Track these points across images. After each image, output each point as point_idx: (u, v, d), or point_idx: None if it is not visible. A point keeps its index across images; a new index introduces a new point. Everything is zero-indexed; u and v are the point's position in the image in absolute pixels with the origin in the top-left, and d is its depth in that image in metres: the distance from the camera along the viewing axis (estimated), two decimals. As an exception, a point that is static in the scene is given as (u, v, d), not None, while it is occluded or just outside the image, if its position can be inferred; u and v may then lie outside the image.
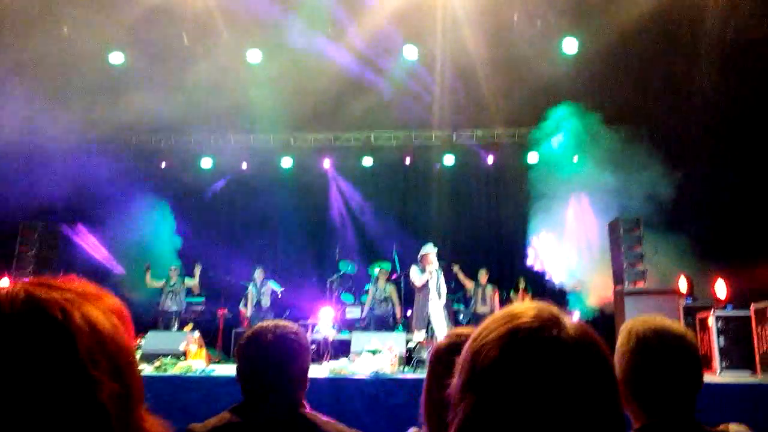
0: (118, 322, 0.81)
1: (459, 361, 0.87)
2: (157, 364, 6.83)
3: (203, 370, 6.81)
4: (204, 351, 7.61)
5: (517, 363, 0.80)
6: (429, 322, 8.26)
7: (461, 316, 10.92)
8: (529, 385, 0.78)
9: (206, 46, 10.88)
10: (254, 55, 11.05)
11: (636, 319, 1.72)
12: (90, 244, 12.18)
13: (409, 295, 11.82)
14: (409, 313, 11.60)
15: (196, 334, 8.26)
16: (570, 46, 10.54)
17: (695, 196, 10.28)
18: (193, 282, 10.91)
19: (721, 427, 1.62)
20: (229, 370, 7.34)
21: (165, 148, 13.74)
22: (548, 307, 0.87)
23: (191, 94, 11.11)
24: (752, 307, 7.49)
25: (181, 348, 7.40)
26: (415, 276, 8.55)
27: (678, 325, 1.69)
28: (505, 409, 0.78)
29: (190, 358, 7.15)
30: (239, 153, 13.75)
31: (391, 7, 9.53)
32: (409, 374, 7.06)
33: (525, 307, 0.87)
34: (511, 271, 12.06)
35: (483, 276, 10.66)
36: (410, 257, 12.32)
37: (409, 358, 7.89)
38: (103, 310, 0.79)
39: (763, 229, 9.21)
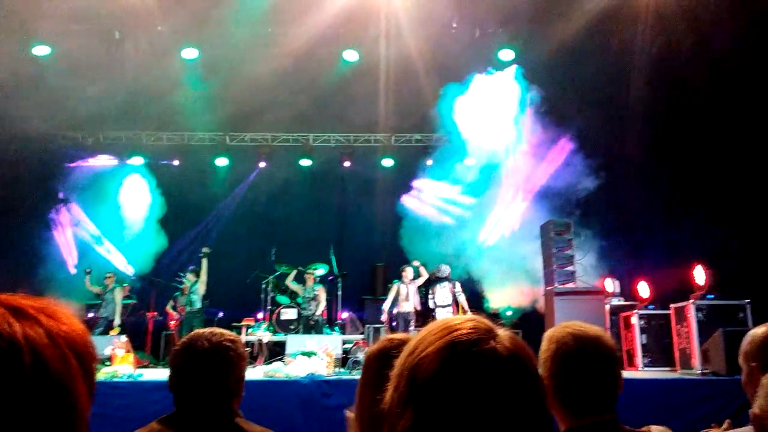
0: (75, 360, 0.74)
1: (394, 374, 0.87)
2: (80, 370, 6.52)
3: (130, 375, 6.57)
4: (131, 355, 7.34)
5: (456, 376, 0.80)
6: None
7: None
8: (468, 397, 0.79)
9: (138, 41, 10.51)
10: (190, 53, 10.77)
11: (557, 325, 1.78)
12: None
13: (348, 296, 11.82)
14: (345, 315, 11.59)
15: (123, 338, 7.95)
16: (506, 55, 10.89)
17: (622, 203, 10.77)
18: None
19: (644, 429, 1.69)
20: (158, 374, 7.11)
21: (93, 145, 13.17)
22: (483, 320, 0.88)
23: (122, 90, 10.73)
24: (672, 306, 7.90)
25: (107, 352, 7.11)
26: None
27: (595, 328, 1.74)
28: (446, 422, 0.78)
29: (116, 363, 6.88)
30: (172, 151, 13.36)
31: (332, 10, 9.51)
32: (345, 375, 7.05)
33: (462, 319, 0.88)
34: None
35: (406, 273, 10.38)
36: (348, 258, 12.38)
37: (345, 360, 7.88)
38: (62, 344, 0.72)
39: (682, 234, 9.74)
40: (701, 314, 7.29)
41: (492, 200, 11.76)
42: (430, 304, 10.18)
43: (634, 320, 8.35)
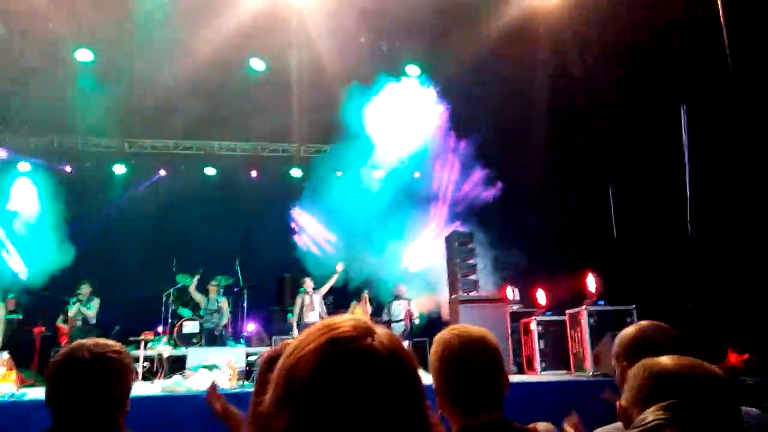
0: None
1: (274, 375, 0.86)
2: (-45, 390, 5.99)
3: (12, 394, 6.09)
4: (14, 373, 6.80)
5: (334, 373, 0.80)
6: None
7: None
8: (345, 394, 0.79)
9: (27, 38, 9.84)
10: (84, 54, 10.22)
11: (445, 329, 1.83)
12: None
13: (253, 307, 11.59)
14: (251, 327, 11.35)
15: (5, 355, 7.35)
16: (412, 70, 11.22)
17: (519, 213, 11.27)
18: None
19: (530, 426, 1.76)
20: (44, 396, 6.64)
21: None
22: (362, 319, 0.89)
23: (8, 89, 10.02)
24: (567, 312, 8.31)
25: (-14, 371, 6.56)
26: None
27: (479, 329, 1.79)
28: (322, 421, 0.78)
29: (-3, 381, 6.37)
30: (63, 156, 12.59)
31: (239, 18, 9.34)
32: (249, 388, 6.87)
33: (341, 318, 0.88)
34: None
35: (308, 284, 10.56)
36: (255, 269, 12.13)
37: (249, 372, 7.70)
38: None
39: (577, 245, 10.31)
40: (593, 320, 7.70)
41: (398, 210, 11.91)
42: (384, 318, 10.51)
43: (533, 326, 8.71)
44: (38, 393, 6.54)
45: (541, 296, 10.06)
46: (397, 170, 12.15)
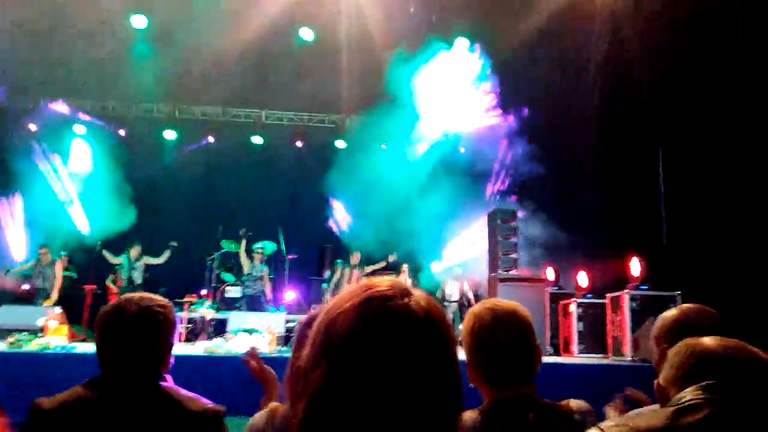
0: None
1: (312, 331, 0.88)
2: (11, 339, 6.31)
3: (63, 347, 6.39)
4: (66, 327, 7.12)
5: (371, 329, 0.82)
6: None
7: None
8: (380, 351, 0.80)
9: (84, 4, 10.06)
10: (139, 20, 10.42)
11: (478, 303, 1.83)
12: None
13: (292, 276, 11.78)
14: (291, 295, 11.56)
15: (58, 309, 7.71)
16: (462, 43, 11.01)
17: (566, 194, 11.07)
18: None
19: (562, 402, 1.74)
20: (93, 348, 6.94)
21: (32, 110, 12.61)
22: (400, 281, 0.91)
23: (65, 55, 10.29)
24: (608, 296, 8.18)
25: (39, 323, 6.88)
26: None
27: (511, 302, 1.78)
28: (358, 375, 0.80)
29: (49, 334, 6.67)
30: (117, 120, 12.92)
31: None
32: (287, 353, 7.03)
33: (380, 278, 0.90)
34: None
35: (355, 258, 10.86)
36: (297, 238, 12.30)
37: (287, 338, 7.87)
38: None
39: (620, 228, 10.09)
40: (635, 304, 7.58)
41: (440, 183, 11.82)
42: (438, 295, 10.55)
43: (572, 308, 8.61)
44: (88, 348, 6.85)
45: (582, 278, 9.91)
46: (441, 143, 12.02)
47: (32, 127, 12.48)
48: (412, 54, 10.93)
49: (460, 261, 11.21)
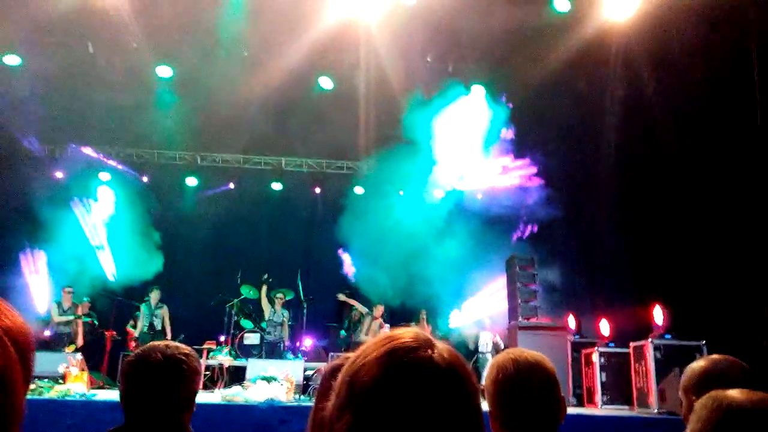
0: (13, 350, 0.77)
1: (337, 381, 0.89)
2: (32, 386, 6.32)
3: (83, 395, 6.38)
4: (86, 374, 7.14)
5: (395, 380, 0.83)
6: None
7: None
8: (403, 403, 0.82)
9: (112, 56, 10.46)
10: (165, 71, 10.78)
11: (501, 353, 1.81)
12: None
13: (310, 322, 11.73)
14: (308, 342, 11.50)
15: (79, 356, 7.74)
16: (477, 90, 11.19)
17: (585, 240, 11.00)
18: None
19: None
20: (113, 395, 6.93)
21: (59, 160, 12.97)
22: (423, 332, 0.93)
23: (91, 104, 10.65)
24: (631, 345, 8.01)
25: (60, 370, 6.90)
26: None
27: (534, 353, 1.77)
28: (382, 427, 0.81)
29: (70, 381, 6.68)
30: (141, 166, 13.23)
31: (309, 38, 9.63)
32: (305, 402, 6.95)
33: (403, 330, 0.92)
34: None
35: (378, 310, 10.77)
36: (315, 284, 12.30)
37: (306, 387, 7.79)
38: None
39: (642, 275, 9.96)
40: (659, 353, 7.41)
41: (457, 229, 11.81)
42: (471, 347, 10.49)
43: (595, 357, 8.44)
44: (107, 394, 6.84)
45: (604, 326, 9.74)
46: (457, 190, 12.06)
47: (59, 173, 12.82)
48: (430, 99, 11.09)
49: (486, 312, 11.06)
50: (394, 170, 12.72)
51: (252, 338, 10.56)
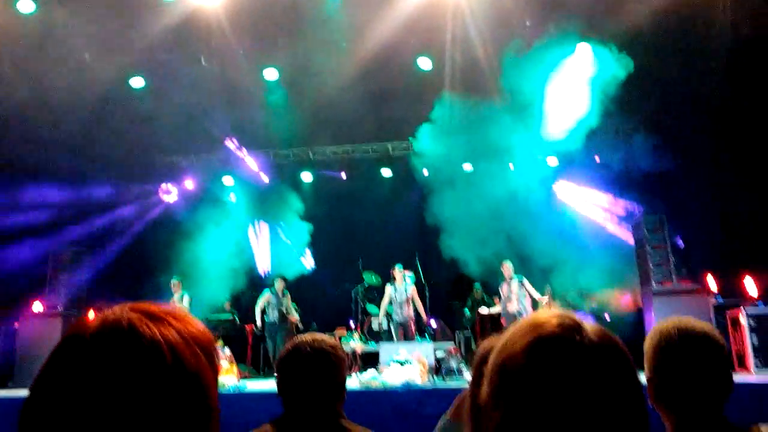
0: (204, 357, 0.83)
1: (488, 369, 0.90)
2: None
3: (236, 387, 6.86)
4: (235, 367, 7.67)
5: (543, 369, 0.82)
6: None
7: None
8: (556, 390, 0.80)
9: (223, 66, 11.04)
10: (271, 73, 11.24)
11: (665, 319, 1.72)
12: None
13: (432, 302, 11.78)
14: (434, 322, 11.58)
15: (227, 350, 8.30)
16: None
17: (717, 191, 10.18)
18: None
19: (753, 428, 1.60)
20: (260, 385, 7.39)
21: (187, 166, 13.98)
22: (569, 314, 0.90)
23: (211, 112, 11.34)
24: (784, 302, 7.38)
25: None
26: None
27: (703, 324, 1.66)
28: (534, 415, 0.81)
29: (222, 374, 7.20)
30: (260, 168, 13.99)
31: (401, 18, 9.59)
32: (440, 384, 7.04)
33: (548, 315, 0.90)
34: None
35: (506, 269, 10.05)
36: (434, 266, 12.34)
37: (438, 368, 7.87)
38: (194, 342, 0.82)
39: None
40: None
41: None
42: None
43: (742, 319, 7.84)
44: (255, 385, 7.30)
45: (749, 284, 9.00)
46: (567, 144, 11.53)
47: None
48: (534, 64, 10.64)
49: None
50: (502, 143, 12.43)
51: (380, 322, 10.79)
